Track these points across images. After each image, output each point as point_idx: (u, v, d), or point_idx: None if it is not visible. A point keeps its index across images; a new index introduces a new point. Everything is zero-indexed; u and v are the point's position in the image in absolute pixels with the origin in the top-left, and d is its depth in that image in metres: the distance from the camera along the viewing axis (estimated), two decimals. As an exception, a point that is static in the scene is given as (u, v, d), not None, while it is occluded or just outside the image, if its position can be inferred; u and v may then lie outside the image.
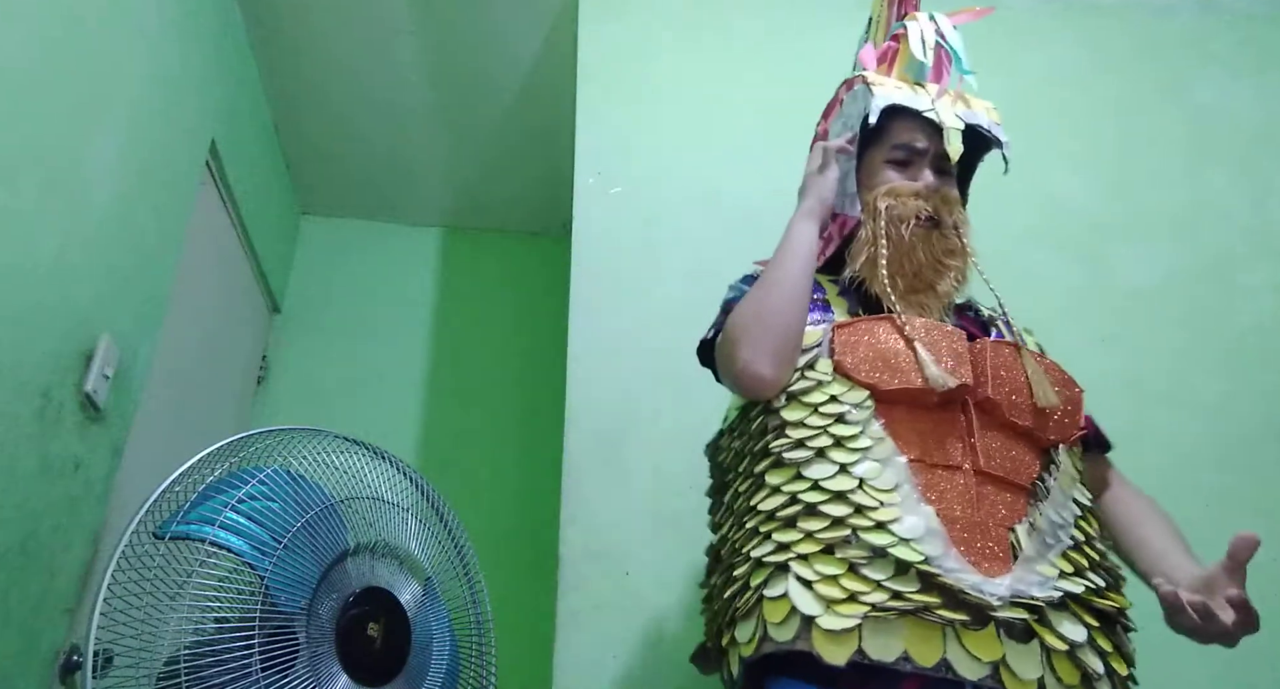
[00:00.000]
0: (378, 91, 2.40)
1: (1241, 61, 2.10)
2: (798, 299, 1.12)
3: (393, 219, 2.91)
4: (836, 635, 0.91)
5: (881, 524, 0.96)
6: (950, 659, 0.90)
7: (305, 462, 1.33)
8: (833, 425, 1.03)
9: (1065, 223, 1.91)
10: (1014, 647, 0.91)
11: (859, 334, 1.09)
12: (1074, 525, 1.02)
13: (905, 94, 1.22)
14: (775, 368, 1.08)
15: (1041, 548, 0.98)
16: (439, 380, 2.69)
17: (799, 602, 0.94)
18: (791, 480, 1.03)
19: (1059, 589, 0.94)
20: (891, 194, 1.19)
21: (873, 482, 0.99)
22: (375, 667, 1.26)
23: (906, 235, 1.15)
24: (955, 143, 1.18)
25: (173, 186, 1.76)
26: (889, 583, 0.93)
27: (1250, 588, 1.59)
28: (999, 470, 1.02)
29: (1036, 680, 0.90)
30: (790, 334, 1.10)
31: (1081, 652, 0.93)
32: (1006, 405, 1.06)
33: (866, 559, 0.95)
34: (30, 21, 1.22)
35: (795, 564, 0.97)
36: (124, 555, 1.11)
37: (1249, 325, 1.83)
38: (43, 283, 1.28)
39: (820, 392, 1.06)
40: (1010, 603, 0.92)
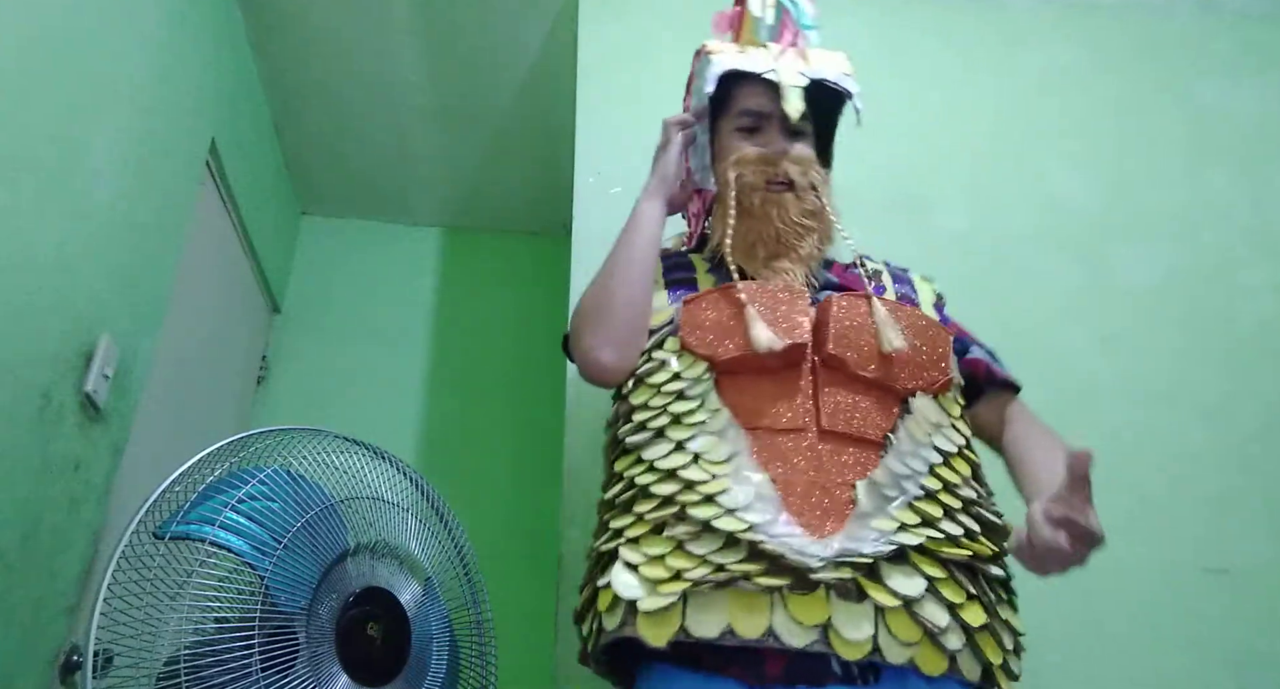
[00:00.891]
0: (378, 91, 2.40)
1: (1241, 61, 2.10)
2: (639, 281, 1.10)
3: (393, 219, 2.91)
4: (656, 616, 0.89)
5: (710, 497, 0.93)
6: (775, 628, 0.87)
7: (305, 462, 1.33)
8: (672, 403, 1.01)
9: (1065, 223, 1.91)
10: (843, 607, 0.88)
11: (703, 307, 1.06)
12: (928, 474, 0.98)
13: (742, 58, 1.19)
14: (617, 352, 1.07)
15: (880, 501, 0.94)
16: (439, 380, 2.69)
17: (620, 587, 0.92)
18: (631, 465, 1.01)
19: (894, 543, 0.91)
20: (740, 163, 1.17)
21: (707, 455, 0.96)
22: (375, 667, 1.26)
23: (758, 202, 1.13)
24: (794, 101, 1.14)
25: (173, 186, 1.76)
26: (714, 556, 0.90)
27: (1254, 587, 1.60)
28: (844, 427, 0.99)
29: (869, 639, 0.87)
30: (632, 318, 1.08)
31: (919, 606, 0.89)
32: (854, 359, 1.03)
33: (693, 535, 0.92)
34: (30, 21, 1.22)
35: (624, 549, 0.95)
36: (124, 555, 1.11)
37: (1249, 325, 1.83)
38: (43, 283, 1.28)
39: (664, 371, 1.05)
40: (836, 563, 0.89)
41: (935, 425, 1.03)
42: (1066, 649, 1.54)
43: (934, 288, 1.23)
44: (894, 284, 1.20)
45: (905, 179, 1.94)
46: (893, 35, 2.09)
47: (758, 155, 1.16)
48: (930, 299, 1.21)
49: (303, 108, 2.46)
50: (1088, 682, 1.53)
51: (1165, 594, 1.59)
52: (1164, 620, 1.57)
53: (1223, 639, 1.56)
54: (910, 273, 1.25)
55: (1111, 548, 1.62)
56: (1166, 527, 1.65)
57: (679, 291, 1.12)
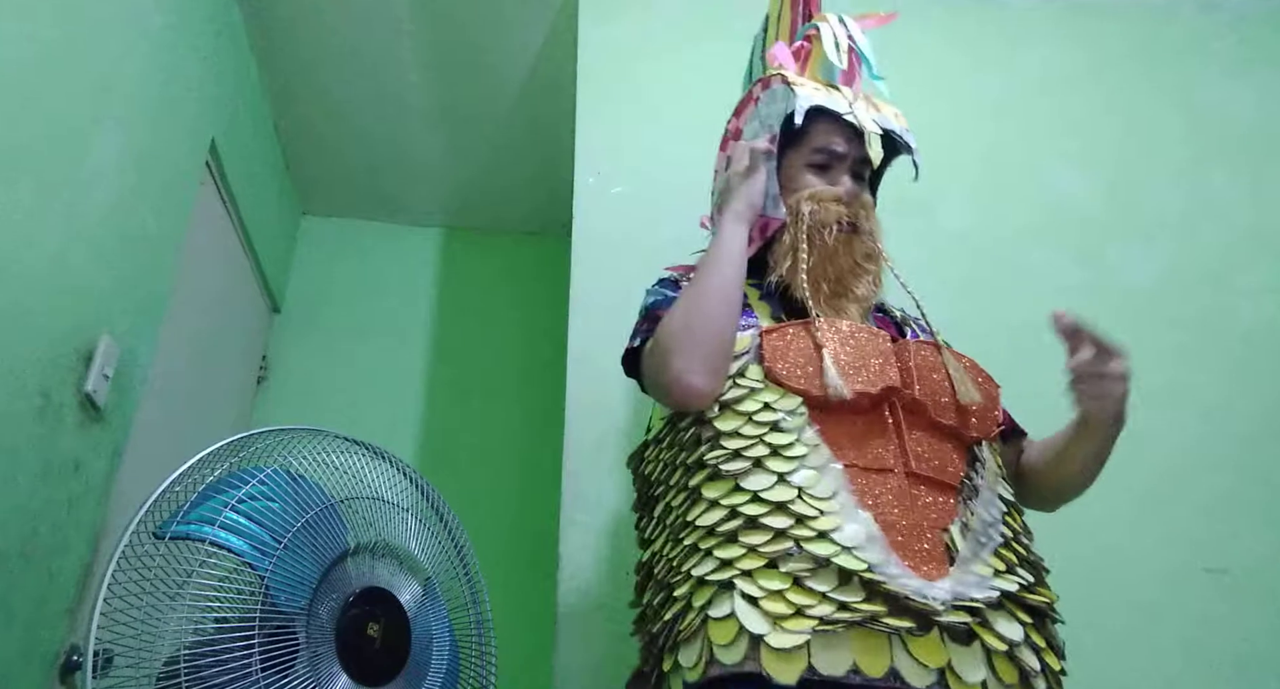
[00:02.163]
0: (378, 91, 2.40)
1: (1241, 61, 2.10)
2: (730, 306, 1.09)
3: (393, 219, 2.91)
4: (786, 653, 0.88)
5: (823, 534, 0.94)
6: (898, 668, 0.88)
7: (305, 462, 1.32)
8: (768, 434, 1.01)
9: (1065, 222, 1.91)
10: (957, 650, 0.91)
11: (787, 339, 1.08)
12: (1002, 522, 1.02)
13: (825, 96, 1.21)
14: (709, 378, 1.06)
15: (976, 547, 0.98)
16: (439, 380, 2.69)
17: (746, 621, 0.91)
18: (730, 493, 1.00)
19: (995, 589, 0.94)
20: (814, 199, 1.18)
21: (811, 490, 0.97)
22: (375, 667, 1.26)
23: (829, 240, 1.16)
24: (876, 148, 1.18)
25: (173, 186, 1.76)
26: (834, 594, 0.91)
27: (1254, 586, 1.60)
28: (928, 470, 1.01)
29: (980, 683, 0.89)
30: (724, 343, 1.08)
31: (1019, 650, 0.92)
32: (932, 405, 1.06)
33: (810, 571, 0.92)
34: (30, 21, 1.22)
35: (740, 581, 0.94)
36: (124, 555, 1.11)
37: (1249, 325, 1.83)
38: (43, 283, 1.28)
39: (753, 399, 1.04)
40: (952, 606, 0.91)
41: (997, 475, 1.07)
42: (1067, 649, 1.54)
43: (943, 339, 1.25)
44: (922, 333, 1.24)
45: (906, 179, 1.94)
46: (894, 35, 2.09)
47: (834, 195, 1.18)
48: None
49: (303, 108, 2.46)
50: (1088, 681, 1.53)
51: (1165, 594, 1.59)
52: (1164, 620, 1.57)
53: (1223, 639, 1.56)
54: (920, 321, 1.27)
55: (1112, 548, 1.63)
56: (1166, 527, 1.65)
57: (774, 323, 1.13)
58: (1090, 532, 1.63)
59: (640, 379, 1.19)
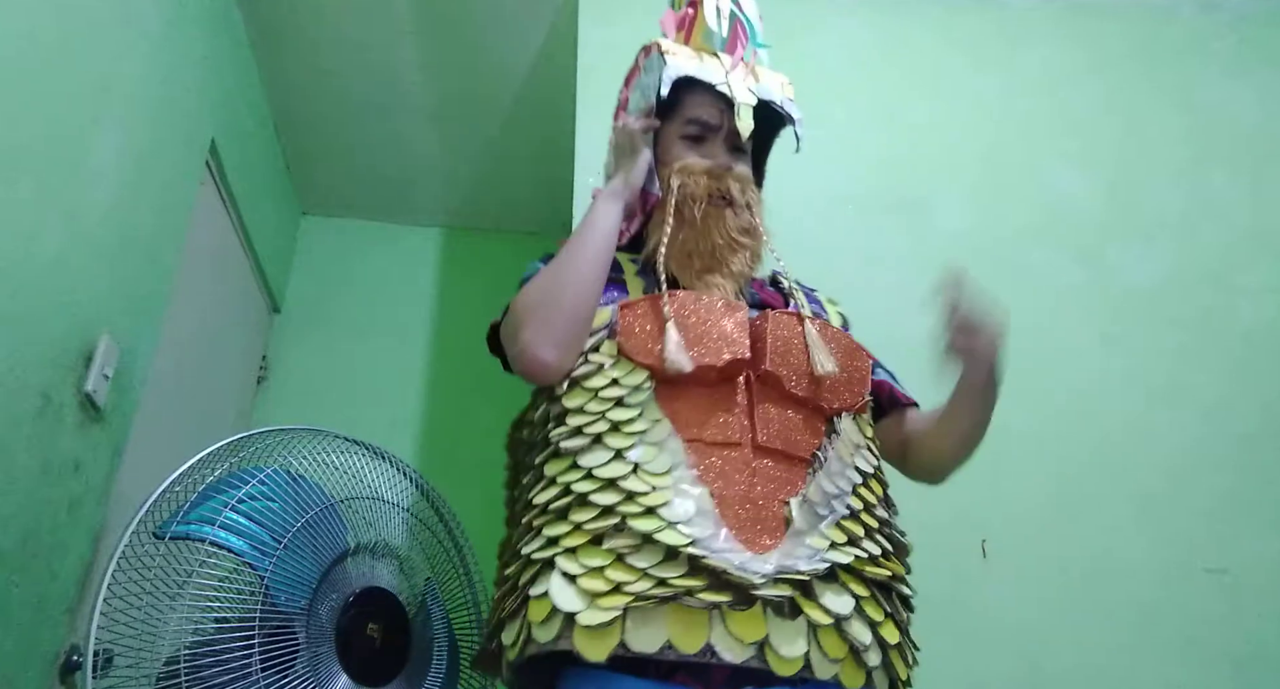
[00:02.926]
0: (378, 92, 2.40)
1: (1241, 61, 2.10)
2: (591, 280, 1.07)
3: (393, 219, 2.91)
4: (596, 630, 0.87)
5: (651, 509, 0.92)
6: (714, 644, 0.87)
7: (305, 462, 1.33)
8: (611, 410, 1.00)
9: (1065, 223, 1.91)
10: (779, 624, 0.89)
11: (642, 313, 1.06)
12: (851, 493, 1.00)
13: (698, 65, 1.19)
14: (558, 351, 1.04)
15: (813, 519, 0.96)
16: (439, 380, 2.69)
17: (559, 599, 0.90)
18: (566, 470, 0.99)
19: (826, 560, 0.93)
20: (684, 172, 1.16)
21: (647, 465, 0.96)
22: (375, 667, 1.26)
23: (699, 214, 1.13)
24: (746, 119, 1.15)
25: (173, 186, 1.76)
26: (654, 570, 0.89)
27: (1254, 585, 1.60)
28: (777, 443, 1.00)
29: (802, 657, 0.88)
30: (578, 316, 1.05)
31: (848, 624, 0.91)
32: (787, 377, 1.04)
33: (634, 547, 0.91)
34: (30, 21, 1.22)
35: (561, 559, 0.93)
36: (124, 555, 1.11)
37: (1249, 325, 1.83)
38: (43, 283, 1.28)
39: (601, 375, 1.03)
40: (775, 579, 0.90)
41: (856, 446, 1.05)
42: (1067, 648, 1.55)
43: (840, 310, 1.25)
44: (809, 304, 1.21)
45: (906, 179, 1.94)
46: (894, 34, 2.09)
47: (704, 168, 1.16)
48: (838, 321, 1.22)
49: (303, 108, 2.46)
50: (1087, 681, 1.53)
51: (1165, 594, 1.59)
52: (1164, 620, 1.57)
53: (1223, 639, 1.56)
54: (818, 294, 1.26)
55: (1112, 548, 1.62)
56: (1166, 527, 1.65)
57: (607, 294, 1.11)
58: (1090, 532, 1.63)
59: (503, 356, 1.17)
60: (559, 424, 1.03)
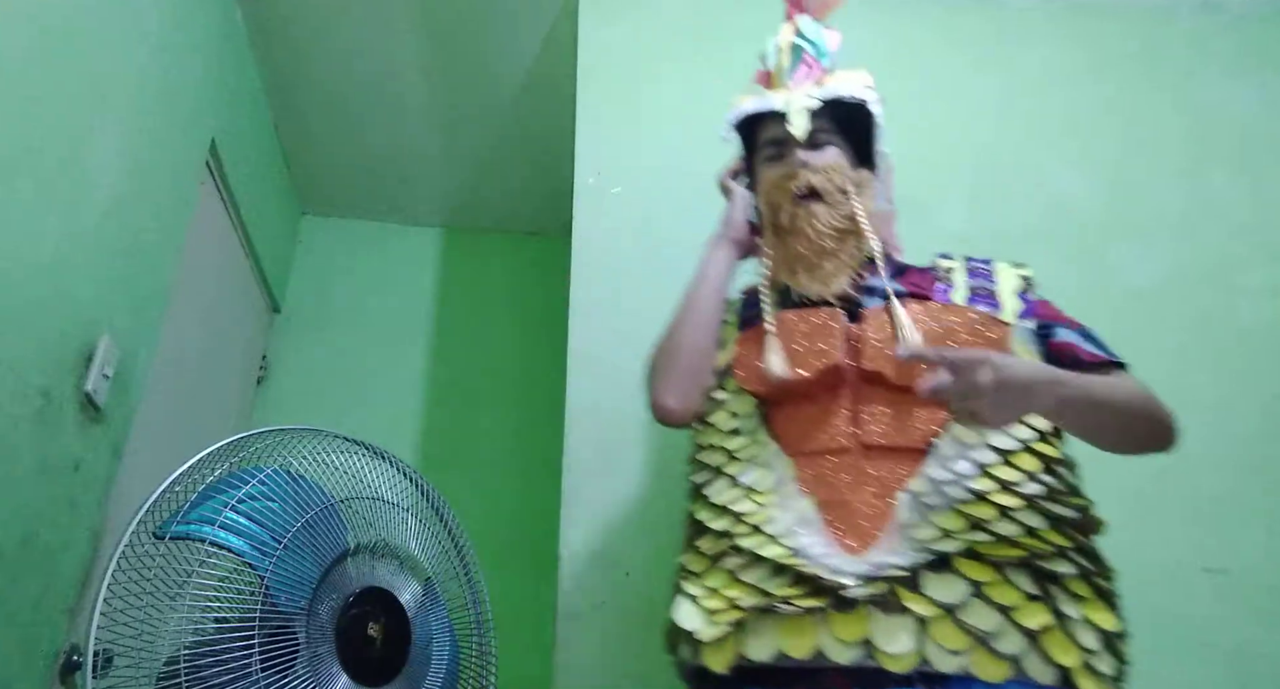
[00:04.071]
0: (378, 91, 2.40)
1: (1241, 61, 2.10)
2: (699, 329, 1.15)
3: (393, 219, 2.91)
4: (715, 645, 0.94)
5: (756, 527, 0.98)
6: (822, 647, 0.89)
7: (305, 462, 1.33)
8: (727, 440, 1.07)
9: (1064, 223, 1.91)
10: (882, 621, 0.88)
11: (750, 343, 1.11)
12: (980, 475, 0.96)
13: (758, 100, 1.25)
14: (680, 399, 1.13)
15: (920, 510, 0.94)
16: (439, 380, 2.69)
17: (683, 619, 0.98)
18: (696, 504, 1.07)
19: (932, 552, 0.91)
20: (764, 186, 1.21)
21: (756, 486, 1.01)
22: (375, 667, 1.26)
23: (786, 220, 1.16)
24: (796, 122, 1.18)
25: (173, 186, 1.76)
26: (761, 583, 0.94)
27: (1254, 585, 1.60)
28: (884, 439, 1.00)
29: (912, 652, 0.86)
30: (692, 365, 1.13)
31: (963, 612, 0.87)
32: (893, 371, 1.02)
33: (745, 565, 0.97)
34: (30, 21, 1.22)
35: (687, 583, 1.01)
36: (124, 555, 1.11)
37: (1249, 326, 1.83)
38: (42, 283, 1.28)
39: (722, 410, 1.10)
40: (870, 578, 0.90)
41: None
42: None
43: (1021, 273, 1.20)
44: (969, 278, 1.17)
45: (906, 179, 1.93)
46: (894, 34, 2.09)
47: (780, 174, 1.19)
48: (1013, 286, 1.17)
49: (303, 108, 2.46)
50: (1088, 682, 1.53)
51: (1165, 594, 1.59)
52: (1164, 620, 1.57)
53: (1223, 639, 1.55)
54: (993, 263, 1.21)
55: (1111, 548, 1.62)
56: (1166, 527, 1.64)
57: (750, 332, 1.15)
58: (1090, 532, 1.63)
59: None
60: (692, 462, 1.12)
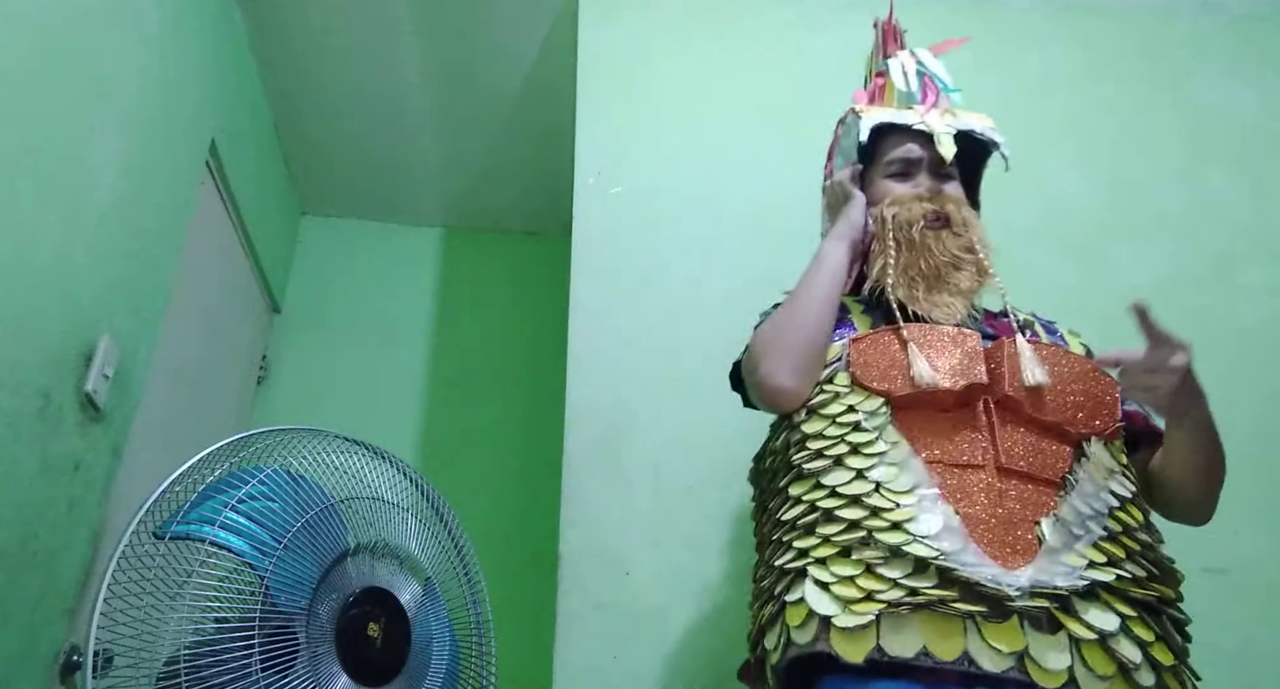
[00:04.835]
0: (378, 91, 2.40)
1: (1241, 61, 2.10)
2: (822, 314, 1.14)
3: (393, 219, 2.90)
4: (852, 633, 0.91)
5: (897, 524, 0.96)
6: (971, 652, 0.89)
7: (305, 462, 1.33)
8: (849, 433, 1.05)
9: (1065, 223, 1.91)
10: (1038, 637, 0.90)
11: (873, 345, 1.11)
12: (1109, 516, 1.00)
13: (893, 114, 1.26)
14: (796, 379, 1.11)
15: (1067, 538, 0.96)
16: (439, 380, 2.69)
17: (814, 602, 0.95)
18: (811, 489, 1.04)
19: (1086, 578, 0.93)
20: (895, 202, 1.21)
21: (889, 484, 0.99)
22: (375, 667, 1.26)
23: (916, 236, 1.17)
24: (946, 144, 1.21)
25: (173, 186, 1.76)
26: (906, 580, 0.93)
27: (1254, 586, 1.60)
28: (1023, 466, 1.01)
29: (1066, 670, 0.88)
30: (812, 347, 1.12)
31: (1115, 641, 0.91)
32: (1029, 401, 1.05)
33: (883, 559, 0.95)
34: (30, 21, 1.22)
35: (813, 568, 0.98)
36: (124, 555, 1.11)
37: (1249, 325, 1.83)
38: (43, 283, 1.28)
39: (838, 403, 1.08)
40: (1031, 593, 0.91)
41: (1110, 471, 1.05)
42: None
43: (1082, 341, 1.26)
44: (1046, 334, 1.23)
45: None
46: (893, 35, 2.09)
47: (914, 194, 1.20)
48: (1080, 352, 1.22)
49: (303, 108, 2.46)
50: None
51: (1165, 594, 1.59)
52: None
53: (1223, 639, 1.55)
54: (1058, 325, 1.28)
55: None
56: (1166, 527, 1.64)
57: (837, 331, 1.16)
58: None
59: (744, 392, 1.24)
60: (800, 449, 1.08)
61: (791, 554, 1.02)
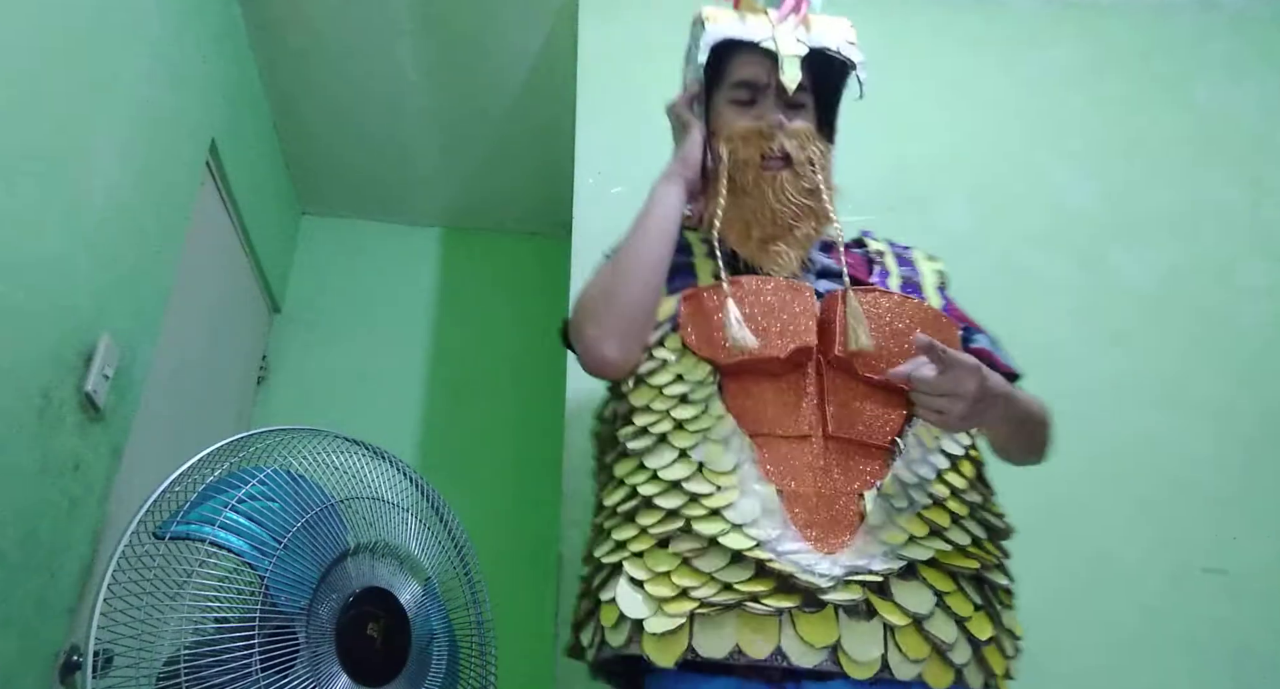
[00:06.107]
0: (378, 91, 2.40)
1: (1241, 61, 2.10)
2: (650, 271, 1.03)
3: (393, 219, 2.91)
4: (663, 637, 0.87)
5: (715, 511, 0.91)
6: (784, 648, 0.85)
7: (305, 462, 1.32)
8: (675, 407, 0.97)
9: (1067, 223, 1.91)
10: (852, 627, 0.87)
11: (701, 304, 1.01)
12: (936, 480, 0.95)
13: (739, 26, 1.12)
14: (621, 348, 1.01)
15: (889, 512, 0.92)
16: (439, 380, 2.69)
17: (625, 605, 0.90)
18: (633, 472, 0.97)
19: (903, 558, 0.89)
20: (732, 137, 1.10)
21: (712, 465, 0.93)
22: (375, 667, 1.25)
23: (752, 180, 1.07)
24: (790, 71, 1.08)
25: (173, 186, 1.76)
26: (721, 574, 0.88)
27: (1254, 587, 1.60)
28: (850, 433, 0.96)
29: (879, 659, 0.85)
30: (639, 309, 1.02)
31: (929, 622, 0.88)
32: (860, 361, 0.98)
33: (699, 551, 0.90)
34: (30, 21, 1.22)
35: (628, 564, 0.93)
36: (124, 555, 1.11)
37: (1250, 326, 1.83)
38: (43, 283, 1.28)
39: (665, 371, 1.00)
40: (845, 581, 0.87)
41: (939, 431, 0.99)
42: (1067, 648, 1.54)
43: (937, 267, 1.18)
44: (898, 267, 1.15)
45: (908, 179, 1.94)
46: (895, 34, 2.09)
47: (752, 129, 1.09)
48: (934, 280, 1.16)
49: (303, 108, 2.46)
50: (1088, 681, 1.53)
51: (1165, 594, 1.59)
52: (1164, 620, 1.57)
53: (1223, 639, 1.56)
54: (912, 251, 1.19)
55: (1112, 549, 1.63)
56: (1167, 527, 1.65)
57: (676, 281, 1.07)
58: (1090, 532, 1.63)
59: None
60: (626, 423, 1.01)
61: (609, 545, 0.96)
